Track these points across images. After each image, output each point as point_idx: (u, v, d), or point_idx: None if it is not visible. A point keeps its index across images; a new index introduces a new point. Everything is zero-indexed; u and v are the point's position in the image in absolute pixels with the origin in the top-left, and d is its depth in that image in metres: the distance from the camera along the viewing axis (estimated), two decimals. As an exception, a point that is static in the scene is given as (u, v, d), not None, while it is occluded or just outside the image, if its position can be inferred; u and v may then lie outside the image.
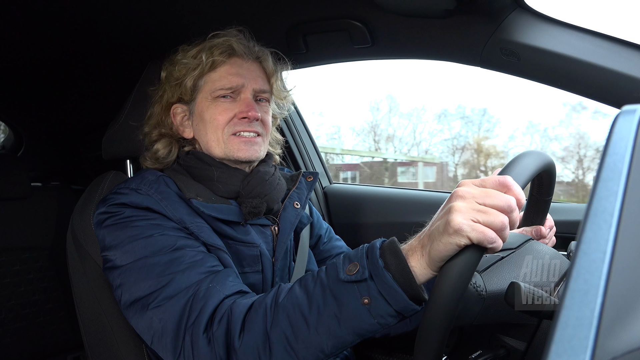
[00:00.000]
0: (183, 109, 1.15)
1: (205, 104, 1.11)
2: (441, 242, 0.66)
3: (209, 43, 1.10)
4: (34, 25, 1.43)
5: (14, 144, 2.50)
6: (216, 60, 1.09)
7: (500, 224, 0.64)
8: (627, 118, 0.49)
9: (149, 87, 1.21)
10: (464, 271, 0.65)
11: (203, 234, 0.98)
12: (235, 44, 1.10)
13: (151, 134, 1.16)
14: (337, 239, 1.42)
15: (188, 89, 1.10)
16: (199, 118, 1.12)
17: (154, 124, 1.16)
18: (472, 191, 0.67)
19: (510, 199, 0.66)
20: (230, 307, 0.84)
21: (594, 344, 0.38)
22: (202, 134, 1.12)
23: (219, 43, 1.09)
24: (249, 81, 1.11)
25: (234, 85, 1.10)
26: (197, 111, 1.12)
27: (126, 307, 0.93)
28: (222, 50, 1.09)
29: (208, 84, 1.10)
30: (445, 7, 1.11)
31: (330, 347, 0.75)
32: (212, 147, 1.11)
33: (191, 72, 1.09)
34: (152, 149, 1.15)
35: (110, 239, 0.97)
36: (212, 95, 1.10)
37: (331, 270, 0.78)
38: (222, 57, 1.09)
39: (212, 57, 1.08)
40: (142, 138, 1.18)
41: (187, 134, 1.15)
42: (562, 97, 9.16)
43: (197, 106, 1.12)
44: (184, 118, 1.15)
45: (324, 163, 2.26)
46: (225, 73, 1.10)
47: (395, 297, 0.71)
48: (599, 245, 0.43)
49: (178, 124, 1.15)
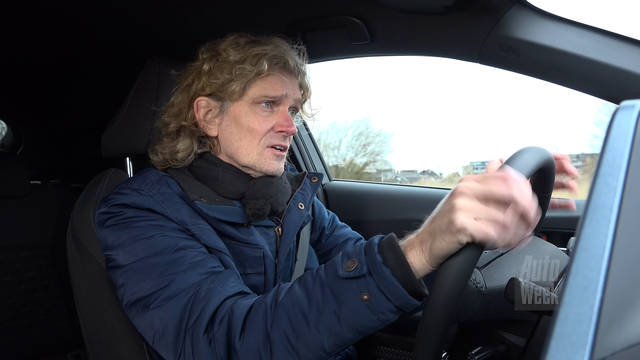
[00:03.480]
0: (210, 104, 1.08)
1: (244, 108, 1.07)
2: (444, 240, 0.65)
3: (267, 51, 1.05)
4: (33, 23, 1.43)
5: (13, 142, 2.50)
6: (271, 71, 1.06)
7: (503, 220, 0.64)
8: (626, 113, 0.49)
9: (149, 84, 1.20)
10: (464, 268, 0.65)
11: (204, 236, 0.98)
12: (290, 59, 1.08)
13: (170, 124, 1.10)
14: (343, 225, 1.39)
15: (234, 91, 1.05)
16: (233, 120, 1.07)
17: (175, 113, 1.10)
18: (474, 187, 0.66)
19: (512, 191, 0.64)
20: (231, 308, 0.84)
21: (593, 339, 0.38)
22: (234, 138, 1.08)
23: (276, 55, 1.06)
24: (291, 93, 1.09)
25: (278, 95, 1.07)
26: (233, 113, 1.07)
27: (128, 306, 0.93)
28: (277, 62, 1.06)
29: (253, 89, 1.06)
30: (444, 4, 1.11)
31: (331, 345, 0.75)
32: (241, 154, 1.07)
33: (243, 77, 1.04)
34: (171, 147, 1.09)
35: (112, 239, 0.97)
36: (254, 101, 1.06)
37: (330, 268, 0.78)
38: (276, 68, 1.07)
39: (269, 67, 1.05)
40: (160, 127, 1.13)
41: (212, 131, 1.09)
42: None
43: (234, 107, 1.07)
44: (209, 113, 1.09)
45: (323, 160, 2.27)
46: (272, 83, 1.06)
47: (395, 292, 0.71)
48: (598, 241, 0.43)
49: (201, 118, 1.09)
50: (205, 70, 1.07)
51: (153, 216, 0.97)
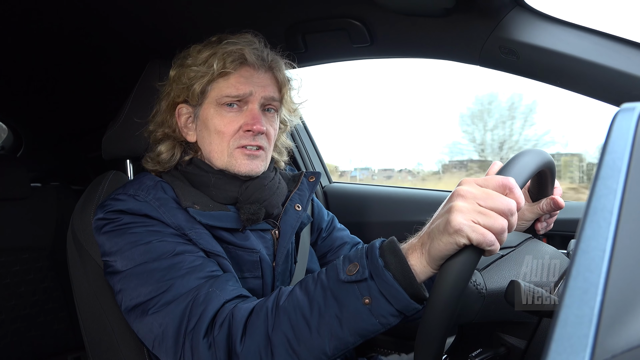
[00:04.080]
0: (188, 110, 1.11)
1: (211, 110, 1.07)
2: (441, 241, 0.66)
3: (221, 49, 1.05)
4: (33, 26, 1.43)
5: (13, 145, 2.51)
6: (227, 68, 1.04)
7: (500, 228, 0.64)
8: (626, 116, 0.49)
9: (149, 86, 1.20)
10: (464, 269, 0.65)
11: (202, 241, 0.97)
12: (247, 53, 1.05)
13: (156, 132, 1.13)
14: (341, 228, 1.37)
15: (196, 94, 1.06)
16: (203, 124, 1.09)
17: (159, 122, 1.13)
18: (474, 191, 0.66)
19: (511, 202, 0.65)
20: (231, 312, 0.83)
21: (593, 342, 0.38)
22: (206, 142, 1.09)
23: (232, 51, 1.04)
24: (258, 90, 1.06)
25: (241, 94, 1.05)
26: (202, 117, 1.09)
27: (127, 312, 0.93)
28: (234, 59, 1.04)
29: (215, 90, 1.06)
30: (444, 6, 1.11)
31: (332, 349, 0.75)
32: (214, 157, 1.08)
33: (200, 78, 1.05)
34: (155, 150, 1.12)
35: (109, 245, 0.97)
36: (218, 102, 1.06)
37: (331, 271, 0.78)
38: (233, 65, 1.05)
39: (223, 65, 1.04)
40: (147, 136, 1.15)
41: (190, 137, 1.12)
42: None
43: (202, 111, 1.08)
44: (189, 120, 1.11)
45: (323, 162, 2.26)
46: (234, 81, 1.05)
47: (396, 295, 0.71)
48: (599, 244, 0.43)
49: (182, 125, 1.11)
50: (172, 77, 1.10)
51: (150, 222, 0.97)
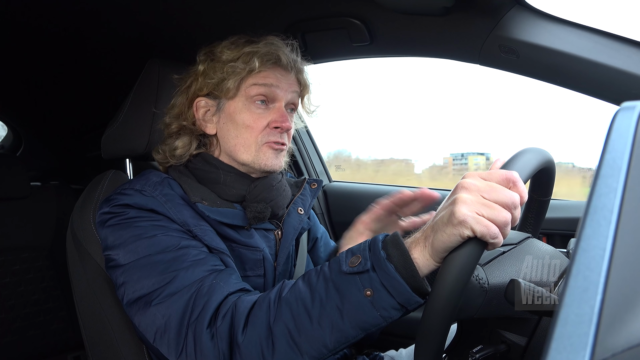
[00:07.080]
0: (208, 103, 1.11)
1: (239, 105, 1.08)
2: (445, 233, 0.66)
3: (260, 49, 1.07)
4: (33, 25, 1.43)
5: (12, 144, 2.51)
6: (264, 67, 1.07)
7: (504, 220, 0.65)
8: (627, 115, 0.49)
9: (149, 85, 1.20)
10: (467, 262, 0.65)
11: (207, 237, 0.98)
12: (282, 55, 1.08)
13: (171, 125, 1.13)
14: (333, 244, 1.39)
15: (230, 90, 1.07)
16: (229, 118, 1.09)
17: (176, 114, 1.13)
18: (478, 184, 0.67)
19: (514, 195, 0.66)
20: (234, 303, 0.84)
21: (593, 340, 0.38)
22: (231, 135, 1.09)
23: (269, 52, 1.07)
24: (287, 90, 1.10)
25: (273, 92, 1.08)
26: (228, 110, 1.09)
27: (129, 304, 0.93)
28: (269, 59, 1.07)
29: (247, 86, 1.08)
30: (444, 5, 1.11)
31: (333, 342, 0.75)
32: (239, 151, 1.09)
33: (237, 74, 1.07)
34: (171, 144, 1.12)
35: (113, 238, 0.97)
36: (248, 98, 1.08)
37: (334, 264, 0.78)
38: (269, 64, 1.08)
39: (261, 63, 1.06)
40: (163, 129, 1.15)
41: (209, 129, 1.11)
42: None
43: (229, 105, 1.09)
44: (207, 113, 1.12)
45: (323, 161, 2.27)
46: (268, 80, 1.08)
47: (398, 288, 0.71)
48: (599, 242, 0.43)
49: (200, 118, 1.11)
50: (201, 72, 1.10)
51: (156, 217, 0.97)
